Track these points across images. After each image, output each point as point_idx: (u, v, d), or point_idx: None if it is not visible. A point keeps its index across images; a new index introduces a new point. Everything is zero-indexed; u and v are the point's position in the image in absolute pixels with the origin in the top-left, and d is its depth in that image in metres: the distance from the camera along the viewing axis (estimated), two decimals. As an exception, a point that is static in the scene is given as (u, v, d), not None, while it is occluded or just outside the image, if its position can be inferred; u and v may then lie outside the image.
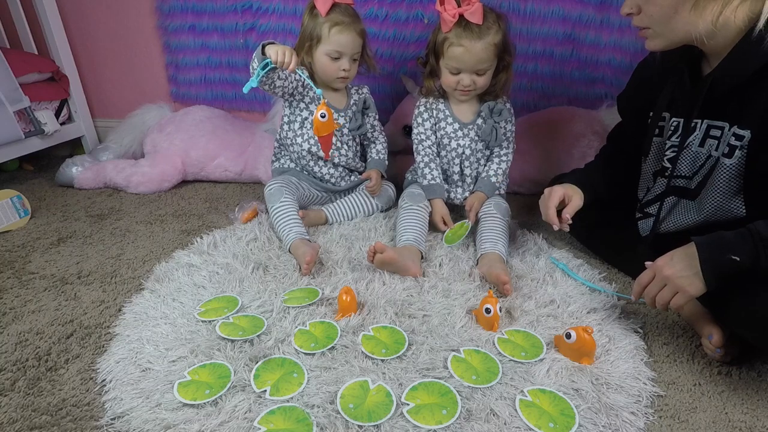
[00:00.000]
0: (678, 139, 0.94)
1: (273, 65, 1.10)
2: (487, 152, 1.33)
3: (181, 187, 1.68)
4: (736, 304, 0.80)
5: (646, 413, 0.76)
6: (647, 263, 0.86)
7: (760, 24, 0.75)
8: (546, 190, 1.07)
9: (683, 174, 0.95)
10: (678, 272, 0.79)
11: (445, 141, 1.30)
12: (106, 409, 0.76)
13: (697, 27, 0.80)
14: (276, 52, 1.09)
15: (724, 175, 0.86)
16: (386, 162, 1.44)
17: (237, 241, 1.25)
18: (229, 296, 1.03)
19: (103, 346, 0.90)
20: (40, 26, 1.78)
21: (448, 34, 1.15)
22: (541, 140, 1.58)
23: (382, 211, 1.44)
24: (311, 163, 1.37)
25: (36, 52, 1.82)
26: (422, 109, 1.32)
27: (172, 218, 1.44)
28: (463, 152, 1.30)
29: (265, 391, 0.78)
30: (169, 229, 1.37)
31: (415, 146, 1.33)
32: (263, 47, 1.11)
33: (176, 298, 1.02)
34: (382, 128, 1.47)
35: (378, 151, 1.43)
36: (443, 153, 1.32)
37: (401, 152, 1.68)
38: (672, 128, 0.96)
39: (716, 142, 0.87)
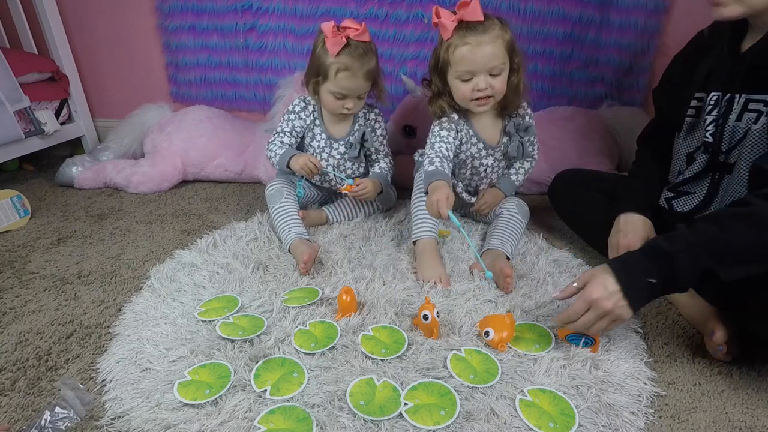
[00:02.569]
0: (717, 114, 0.91)
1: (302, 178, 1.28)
2: (506, 163, 1.28)
3: (181, 187, 1.68)
4: (755, 302, 0.78)
5: (646, 413, 0.76)
6: (575, 292, 0.84)
7: None
8: None
9: (724, 149, 0.92)
10: (616, 303, 0.78)
11: (468, 161, 1.23)
12: (106, 409, 0.76)
13: None
14: (301, 167, 1.21)
15: (751, 141, 0.86)
16: (388, 178, 1.38)
17: (237, 241, 1.25)
18: (229, 296, 1.03)
19: (103, 346, 0.90)
20: (40, 26, 1.78)
21: (450, 40, 1.07)
22: (542, 140, 1.58)
23: (382, 211, 1.44)
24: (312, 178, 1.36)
25: (36, 52, 1.82)
26: (446, 124, 1.17)
27: (172, 218, 1.44)
28: (485, 170, 1.26)
29: (266, 390, 0.78)
30: (169, 229, 1.37)
31: (429, 144, 1.16)
32: (286, 161, 1.23)
33: (176, 298, 1.02)
34: (389, 151, 1.41)
35: (381, 167, 1.37)
36: (463, 170, 1.26)
37: (401, 153, 1.68)
38: (712, 103, 0.93)
39: (755, 115, 0.86)
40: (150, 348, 0.87)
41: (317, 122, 1.31)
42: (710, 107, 0.93)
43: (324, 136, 1.32)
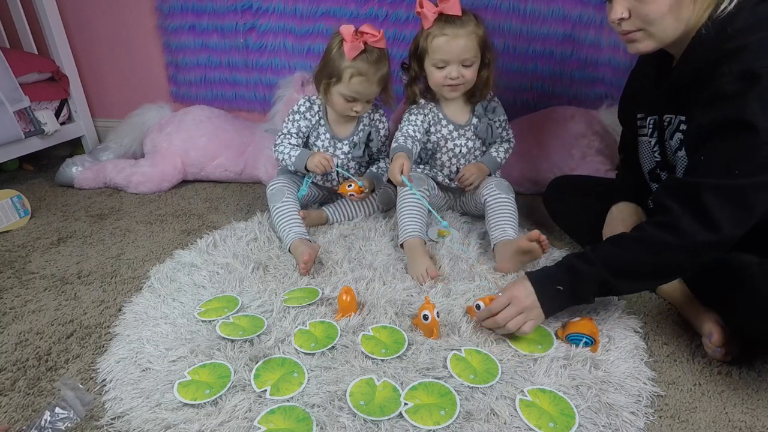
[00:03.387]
0: (658, 135, 0.98)
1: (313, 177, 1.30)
2: (484, 149, 1.33)
3: (181, 187, 1.68)
4: (732, 296, 0.82)
5: (646, 413, 0.76)
6: (499, 292, 0.93)
7: (725, 7, 0.76)
8: None
9: (672, 164, 0.97)
10: (532, 303, 0.87)
11: (441, 143, 1.30)
12: (106, 409, 0.76)
13: (687, 23, 0.81)
14: (316, 166, 1.23)
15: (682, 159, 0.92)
16: (383, 179, 1.38)
17: (237, 241, 1.25)
18: (229, 296, 1.03)
19: (103, 346, 0.90)
20: (40, 26, 1.78)
21: (430, 30, 1.16)
22: (541, 140, 1.58)
23: (382, 212, 1.44)
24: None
25: (36, 52, 1.82)
26: (414, 110, 1.29)
27: (172, 218, 1.44)
28: (460, 151, 1.30)
29: (266, 390, 0.78)
30: (169, 229, 1.37)
31: (401, 126, 1.26)
32: (304, 162, 1.25)
33: (176, 298, 1.02)
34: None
35: (379, 167, 1.39)
36: (438, 155, 1.32)
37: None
38: (651, 126, 0.99)
39: (682, 135, 0.91)
40: (150, 348, 0.87)
41: (322, 122, 1.32)
42: (650, 129, 1.00)
43: (328, 135, 1.32)
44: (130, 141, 1.76)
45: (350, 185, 1.26)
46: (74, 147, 2.00)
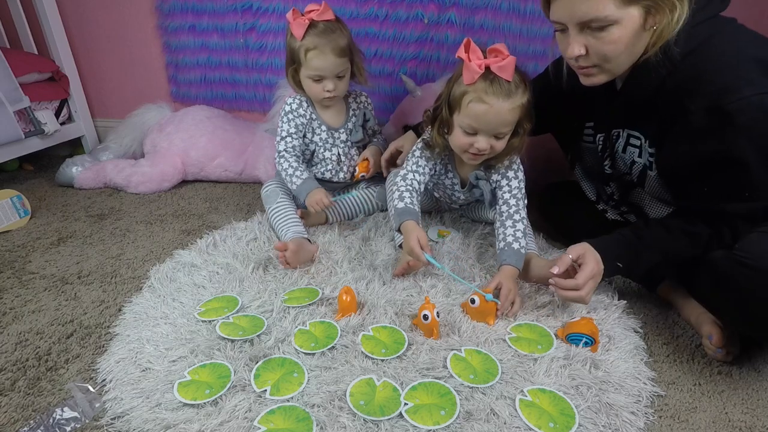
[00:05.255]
0: (608, 149, 1.02)
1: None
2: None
3: (181, 187, 1.68)
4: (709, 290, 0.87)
5: (646, 413, 0.77)
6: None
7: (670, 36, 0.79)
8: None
9: (624, 172, 1.03)
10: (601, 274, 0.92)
11: (442, 190, 1.26)
12: (106, 409, 0.76)
13: (637, 55, 0.83)
14: (311, 205, 1.23)
15: (654, 183, 0.98)
16: (383, 147, 1.39)
17: (237, 241, 1.25)
18: (229, 296, 1.03)
19: (103, 346, 0.90)
20: (40, 26, 1.78)
21: (469, 88, 0.97)
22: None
23: (382, 211, 1.44)
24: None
25: (36, 52, 1.81)
26: (426, 154, 1.16)
27: (172, 218, 1.44)
28: (457, 200, 1.27)
29: (266, 390, 0.78)
30: (169, 229, 1.37)
31: (403, 173, 1.15)
32: (304, 196, 1.24)
33: (176, 298, 1.02)
34: (381, 130, 1.48)
35: (376, 142, 1.43)
36: (436, 194, 1.30)
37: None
38: (601, 142, 1.03)
39: (637, 150, 0.97)
40: (150, 348, 0.87)
41: (314, 116, 1.32)
42: (600, 144, 1.03)
43: (324, 128, 1.32)
44: (130, 141, 1.76)
45: (357, 172, 1.32)
46: (74, 147, 1.99)
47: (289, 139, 1.29)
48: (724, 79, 0.77)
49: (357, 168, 1.35)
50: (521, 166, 1.15)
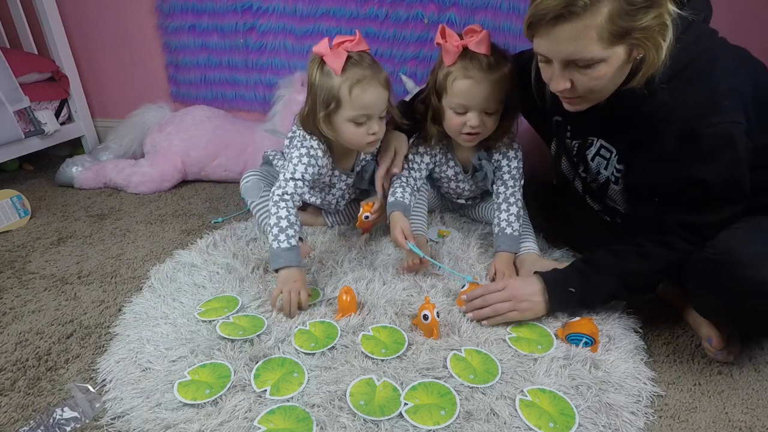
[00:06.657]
0: (583, 156, 1.02)
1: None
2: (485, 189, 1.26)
3: (181, 187, 1.68)
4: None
5: (646, 413, 0.76)
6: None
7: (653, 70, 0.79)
8: None
9: (593, 177, 1.04)
10: (526, 295, 0.94)
11: (444, 181, 1.26)
12: (106, 409, 0.76)
13: (621, 81, 0.83)
14: (280, 306, 0.96)
15: (618, 196, 1.00)
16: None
17: (237, 241, 1.25)
18: (229, 296, 1.03)
19: (103, 346, 0.90)
20: (40, 26, 1.78)
21: (451, 68, 1.00)
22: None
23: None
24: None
25: (36, 52, 1.82)
26: (422, 149, 1.19)
27: (172, 218, 1.44)
28: (462, 191, 1.28)
29: (266, 390, 0.78)
30: (169, 229, 1.37)
31: (405, 165, 1.19)
32: (280, 265, 0.99)
33: (176, 298, 1.02)
34: None
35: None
36: (441, 187, 1.30)
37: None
38: (576, 148, 1.03)
39: (605, 161, 0.98)
40: (150, 348, 0.87)
41: (331, 165, 1.16)
42: (575, 150, 1.04)
43: (337, 173, 1.20)
44: (130, 141, 1.76)
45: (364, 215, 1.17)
46: (74, 147, 1.99)
47: (300, 183, 1.06)
48: (698, 108, 0.79)
49: (362, 208, 1.18)
50: (520, 146, 1.19)
